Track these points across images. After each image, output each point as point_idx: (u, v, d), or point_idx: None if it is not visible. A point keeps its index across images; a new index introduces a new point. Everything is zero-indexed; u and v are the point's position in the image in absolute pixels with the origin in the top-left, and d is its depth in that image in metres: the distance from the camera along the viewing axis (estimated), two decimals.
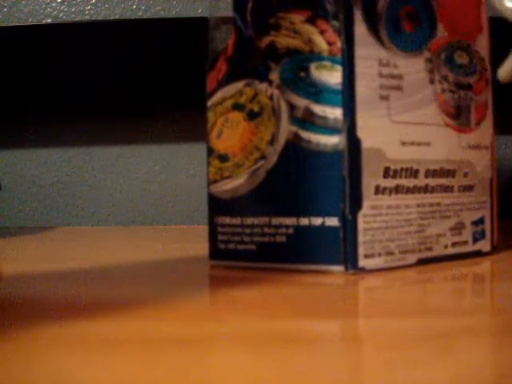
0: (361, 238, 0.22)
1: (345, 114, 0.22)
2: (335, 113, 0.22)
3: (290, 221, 0.23)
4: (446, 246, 0.25)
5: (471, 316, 0.15)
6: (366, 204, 0.22)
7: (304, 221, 0.22)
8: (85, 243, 0.36)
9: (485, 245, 0.26)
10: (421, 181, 0.24)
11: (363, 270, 0.22)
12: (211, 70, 0.24)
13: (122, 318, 0.15)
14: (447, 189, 0.25)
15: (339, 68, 0.22)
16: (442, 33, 0.24)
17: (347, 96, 0.22)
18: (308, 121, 0.22)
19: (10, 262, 0.27)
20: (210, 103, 0.24)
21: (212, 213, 0.24)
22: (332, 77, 0.22)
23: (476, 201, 0.26)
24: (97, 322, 0.15)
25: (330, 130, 0.22)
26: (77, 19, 0.51)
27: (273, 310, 0.16)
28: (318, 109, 0.22)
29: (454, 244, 0.25)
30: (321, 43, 0.22)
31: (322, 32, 0.22)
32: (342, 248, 0.22)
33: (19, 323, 0.15)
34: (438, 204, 0.24)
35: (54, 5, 0.52)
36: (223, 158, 0.24)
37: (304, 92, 0.22)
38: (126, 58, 0.54)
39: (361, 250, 0.22)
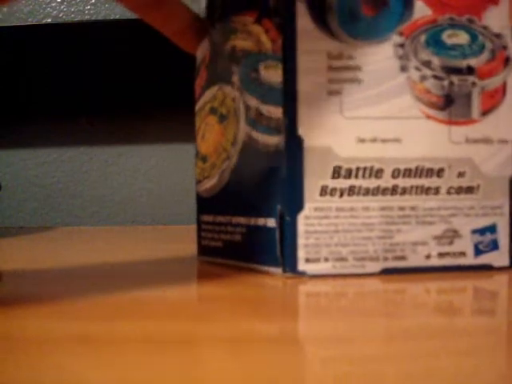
0: (301, 241, 0.21)
1: (284, 113, 0.21)
2: (277, 112, 0.21)
3: (243, 220, 0.23)
4: (428, 257, 0.21)
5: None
6: (308, 205, 0.21)
7: (252, 221, 0.22)
8: (85, 243, 0.36)
9: (498, 258, 0.22)
10: (386, 181, 0.21)
11: (304, 274, 0.21)
12: (197, 77, 0.26)
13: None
14: (428, 190, 0.21)
15: (281, 65, 0.21)
16: (423, 12, 0.21)
17: (287, 93, 0.21)
18: (258, 121, 0.22)
19: (10, 261, 0.27)
20: (196, 109, 0.26)
21: (198, 211, 0.26)
22: (276, 75, 0.21)
23: (480, 205, 0.22)
24: (93, 322, 0.15)
25: (273, 129, 0.21)
26: (77, 19, 0.51)
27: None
28: (265, 109, 0.22)
29: (442, 255, 0.22)
30: (266, 42, 0.22)
31: (266, 31, 0.22)
32: (278, 250, 0.21)
33: (19, 323, 0.15)
34: (414, 208, 0.21)
35: (53, 5, 0.52)
36: (204, 159, 0.25)
37: (255, 93, 0.22)
38: (126, 57, 0.53)
39: (301, 254, 0.21)
